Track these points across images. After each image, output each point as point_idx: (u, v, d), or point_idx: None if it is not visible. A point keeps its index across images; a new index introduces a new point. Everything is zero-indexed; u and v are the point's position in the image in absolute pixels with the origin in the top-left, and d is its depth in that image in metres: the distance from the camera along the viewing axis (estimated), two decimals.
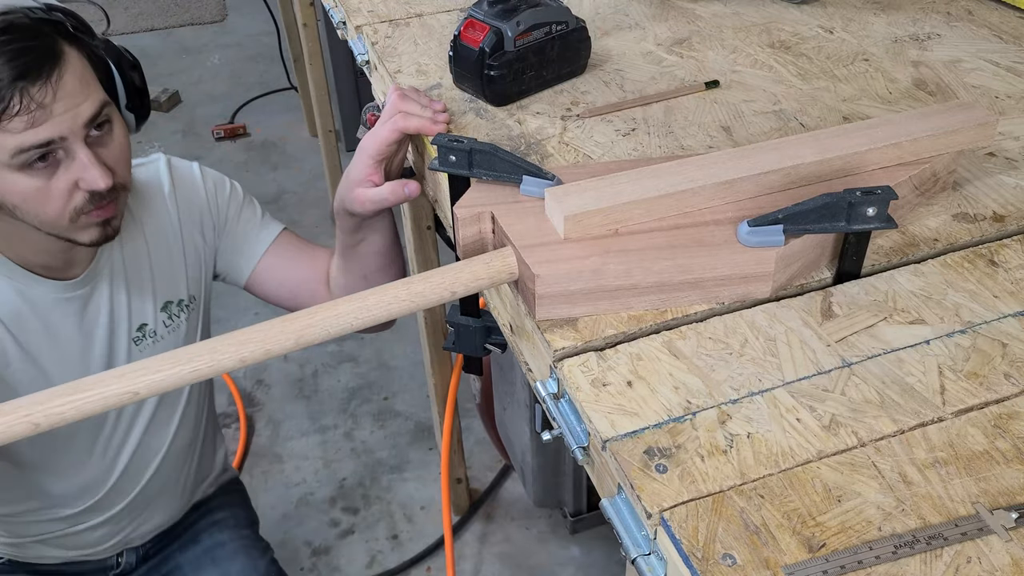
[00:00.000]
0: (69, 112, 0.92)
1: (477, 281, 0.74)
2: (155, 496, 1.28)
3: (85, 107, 0.94)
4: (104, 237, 1.02)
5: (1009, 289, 0.76)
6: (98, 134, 0.97)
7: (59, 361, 1.10)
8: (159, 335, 1.17)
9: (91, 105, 0.95)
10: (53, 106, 0.91)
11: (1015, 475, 0.61)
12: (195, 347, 0.69)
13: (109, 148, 0.98)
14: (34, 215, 0.97)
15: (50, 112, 0.91)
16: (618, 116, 1.02)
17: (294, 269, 1.21)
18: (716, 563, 0.56)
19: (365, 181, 0.99)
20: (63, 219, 0.97)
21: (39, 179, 0.94)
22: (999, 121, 0.85)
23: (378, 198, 0.99)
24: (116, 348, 1.14)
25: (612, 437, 0.64)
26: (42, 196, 0.95)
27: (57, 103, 0.91)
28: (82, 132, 0.94)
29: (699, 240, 0.75)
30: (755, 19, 1.24)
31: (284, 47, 3.38)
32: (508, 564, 2.00)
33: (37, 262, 1.06)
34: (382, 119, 0.98)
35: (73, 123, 0.93)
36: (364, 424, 2.34)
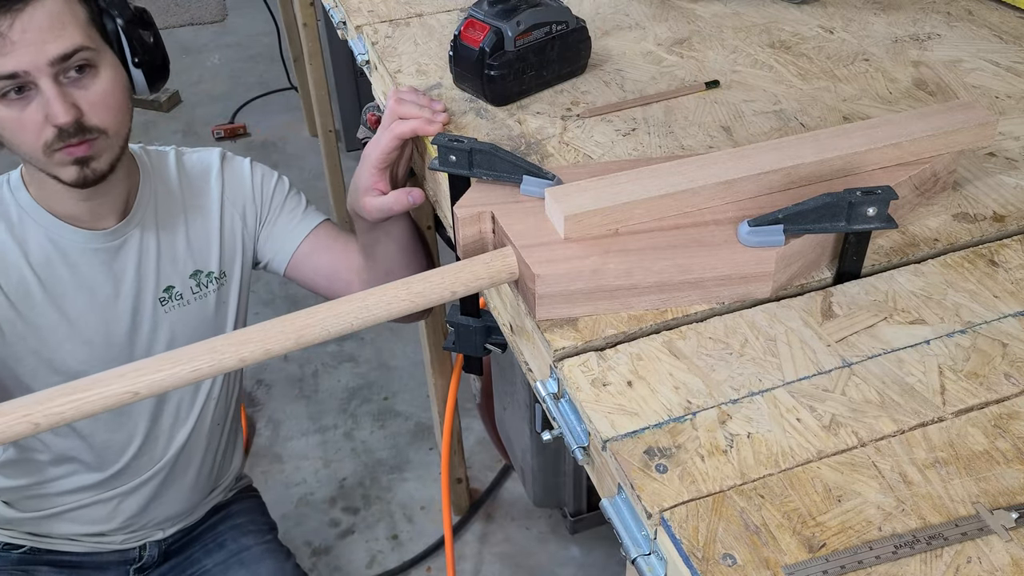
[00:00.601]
0: (33, 47, 0.96)
1: (477, 281, 0.74)
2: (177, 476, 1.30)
3: (53, 46, 0.97)
4: (83, 178, 1.03)
5: (1009, 289, 0.76)
6: (77, 76, 1.00)
7: (84, 309, 1.14)
8: (186, 299, 1.21)
9: (61, 45, 0.98)
10: (13, 37, 0.95)
11: (1015, 475, 0.60)
12: (195, 347, 0.69)
13: (87, 91, 1.01)
14: (17, 146, 1.02)
15: (12, 43, 0.95)
16: (618, 116, 1.02)
17: (329, 258, 1.24)
18: (716, 563, 0.56)
19: (371, 190, 1.01)
20: (38, 151, 1.01)
21: (14, 110, 0.99)
22: (999, 121, 0.85)
23: (384, 207, 1.01)
24: (142, 304, 1.18)
25: (612, 437, 0.64)
26: (18, 127, 1.00)
27: (20, 35, 0.95)
28: (48, 69, 0.97)
29: (699, 240, 0.75)
30: (755, 19, 1.24)
31: (284, 47, 3.39)
32: (508, 564, 2.00)
33: (65, 212, 1.11)
34: (382, 125, 0.99)
35: (36, 58, 0.96)
36: (364, 424, 2.34)
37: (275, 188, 1.26)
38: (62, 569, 1.27)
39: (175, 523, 1.34)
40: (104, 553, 1.30)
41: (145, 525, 1.31)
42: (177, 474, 1.30)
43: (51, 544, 1.27)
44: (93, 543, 1.29)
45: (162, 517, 1.32)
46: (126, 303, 1.17)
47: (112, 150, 1.06)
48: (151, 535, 1.32)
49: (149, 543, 1.32)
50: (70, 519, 1.26)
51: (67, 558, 1.28)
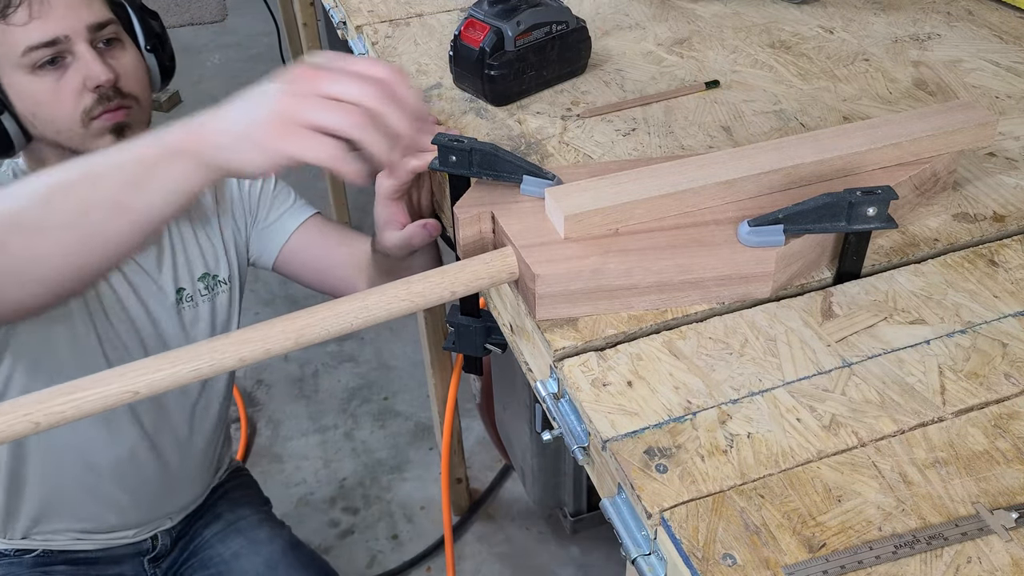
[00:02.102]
0: (71, 11, 0.99)
1: (477, 281, 0.74)
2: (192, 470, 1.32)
3: (88, 12, 1.01)
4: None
5: (1009, 289, 0.76)
6: (106, 48, 1.03)
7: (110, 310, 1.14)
8: (195, 302, 1.22)
9: (95, 13, 1.02)
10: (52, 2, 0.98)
11: (1015, 475, 0.61)
12: (195, 347, 0.68)
13: (118, 60, 1.04)
14: (50, 121, 1.02)
15: (50, 6, 0.97)
16: (618, 116, 1.02)
17: (320, 253, 1.24)
18: (716, 563, 0.56)
19: (390, 223, 0.97)
20: (75, 123, 1.02)
21: (49, 81, 1.00)
22: (999, 121, 0.85)
23: (402, 243, 0.97)
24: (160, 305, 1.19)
25: (612, 437, 0.64)
26: (53, 98, 1.01)
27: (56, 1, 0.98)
28: (86, 34, 1.00)
29: (699, 240, 0.75)
30: (755, 19, 1.24)
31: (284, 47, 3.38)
32: (508, 564, 2.00)
33: None
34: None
35: (75, 22, 0.99)
36: (364, 424, 2.34)
37: (261, 185, 1.25)
38: (79, 566, 1.28)
39: (183, 511, 1.37)
40: (117, 547, 1.31)
41: (156, 517, 1.33)
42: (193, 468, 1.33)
43: (63, 545, 1.27)
44: (105, 539, 1.29)
45: (172, 508, 1.34)
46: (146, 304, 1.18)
47: (142, 124, 1.08)
48: (161, 525, 1.34)
49: (160, 533, 1.34)
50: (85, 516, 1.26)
51: (81, 555, 1.29)
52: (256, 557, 1.34)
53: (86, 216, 0.70)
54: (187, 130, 0.69)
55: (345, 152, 0.66)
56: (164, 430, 1.25)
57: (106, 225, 0.71)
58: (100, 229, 0.71)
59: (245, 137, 0.67)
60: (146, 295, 1.18)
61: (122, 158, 0.70)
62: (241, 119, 0.68)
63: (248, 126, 0.67)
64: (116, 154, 0.71)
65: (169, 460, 1.28)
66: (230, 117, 0.69)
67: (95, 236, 0.71)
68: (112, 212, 0.70)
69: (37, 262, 0.72)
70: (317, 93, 0.66)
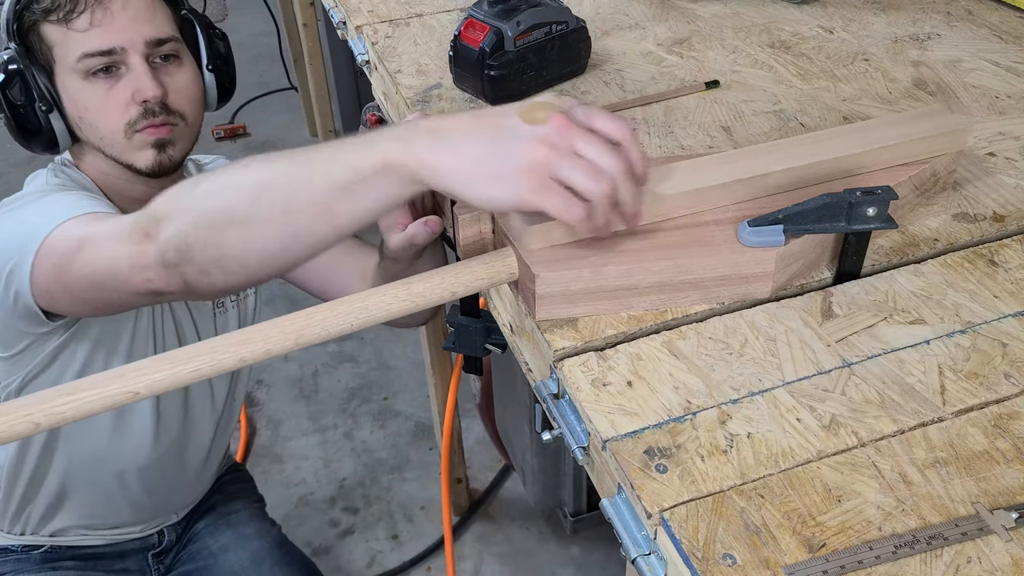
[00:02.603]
0: (132, 24, 1.00)
1: (477, 281, 0.74)
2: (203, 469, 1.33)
3: (150, 27, 1.02)
4: (158, 163, 1.05)
5: (1009, 289, 0.76)
6: (162, 63, 1.05)
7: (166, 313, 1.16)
8: (226, 307, 1.23)
9: (155, 29, 1.03)
10: (115, 12, 0.99)
11: (1015, 475, 0.60)
12: (195, 347, 0.68)
13: (171, 77, 1.06)
14: (95, 127, 1.04)
15: (112, 16, 0.99)
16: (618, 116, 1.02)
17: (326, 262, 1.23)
18: (716, 563, 0.56)
19: (393, 226, 0.97)
20: (119, 133, 1.03)
21: (101, 88, 1.01)
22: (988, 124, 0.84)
23: (404, 243, 0.96)
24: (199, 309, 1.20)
25: (612, 437, 0.64)
26: (101, 105, 1.02)
27: (120, 11, 1.00)
28: (143, 48, 1.02)
29: (699, 240, 0.75)
30: (755, 19, 1.24)
31: (284, 47, 3.38)
32: (508, 564, 2.00)
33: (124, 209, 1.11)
34: None
35: (134, 35, 1.01)
36: (364, 424, 2.33)
37: None
38: (86, 561, 1.28)
39: (189, 507, 1.38)
40: (124, 542, 1.31)
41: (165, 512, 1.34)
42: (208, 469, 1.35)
43: (71, 540, 1.28)
44: (113, 535, 1.30)
45: (181, 504, 1.36)
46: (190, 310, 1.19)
47: (186, 141, 1.09)
48: (168, 520, 1.35)
49: (166, 528, 1.35)
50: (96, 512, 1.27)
51: (88, 551, 1.29)
52: (242, 552, 1.34)
53: (294, 216, 0.70)
54: (406, 146, 0.68)
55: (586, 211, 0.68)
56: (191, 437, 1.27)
57: (311, 227, 0.71)
58: (305, 229, 0.71)
59: (489, 175, 0.66)
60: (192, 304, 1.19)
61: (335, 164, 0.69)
62: (483, 155, 0.67)
63: (496, 165, 0.66)
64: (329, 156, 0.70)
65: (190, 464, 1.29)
66: (466, 147, 0.67)
67: (299, 235, 0.71)
68: (319, 215, 0.70)
69: (245, 255, 0.73)
70: (574, 150, 0.67)
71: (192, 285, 0.77)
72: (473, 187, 0.67)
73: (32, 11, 1.00)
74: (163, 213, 0.76)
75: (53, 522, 1.25)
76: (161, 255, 0.76)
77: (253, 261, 0.74)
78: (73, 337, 1.08)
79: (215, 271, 0.75)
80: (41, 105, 1.02)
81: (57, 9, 0.99)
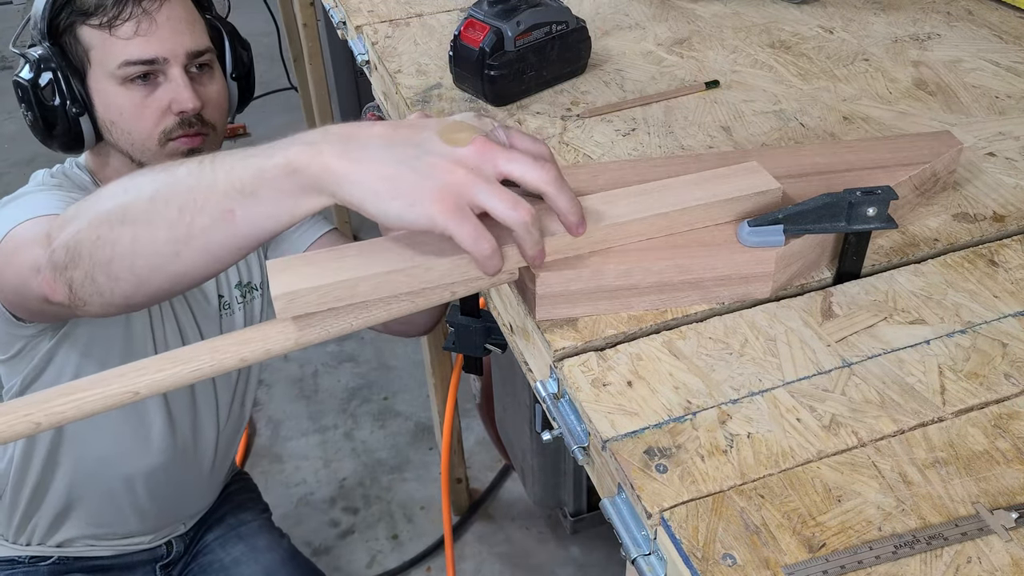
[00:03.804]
0: (175, 35, 1.02)
1: (477, 281, 0.74)
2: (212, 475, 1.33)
3: (190, 39, 1.03)
4: None
5: (1009, 289, 0.76)
6: (198, 72, 1.06)
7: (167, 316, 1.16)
8: (232, 309, 1.23)
9: (196, 40, 1.04)
10: (160, 22, 1.00)
11: (1015, 475, 0.61)
12: (195, 347, 0.68)
13: (206, 87, 1.07)
14: (127, 132, 1.04)
15: (156, 26, 1.00)
16: (618, 116, 1.02)
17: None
18: (716, 563, 0.56)
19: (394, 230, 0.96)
20: (152, 140, 1.04)
21: (137, 95, 1.02)
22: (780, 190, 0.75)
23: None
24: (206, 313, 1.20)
25: (612, 437, 0.64)
26: (137, 112, 1.03)
27: (164, 21, 1.01)
28: (183, 59, 1.03)
29: (699, 240, 0.75)
30: (755, 19, 1.24)
31: (284, 47, 3.38)
32: (508, 564, 2.00)
33: None
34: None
35: (176, 46, 1.02)
36: (364, 424, 2.34)
37: None
38: (93, 574, 1.28)
39: (196, 516, 1.37)
40: (132, 554, 1.31)
41: (173, 522, 1.33)
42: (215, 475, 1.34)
43: (78, 551, 1.27)
44: (121, 545, 1.29)
45: (188, 514, 1.35)
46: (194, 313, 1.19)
47: (214, 149, 1.09)
48: (176, 530, 1.34)
49: (174, 539, 1.34)
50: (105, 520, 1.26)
51: (96, 563, 1.28)
52: (255, 564, 1.34)
53: (189, 215, 0.66)
54: (313, 152, 0.63)
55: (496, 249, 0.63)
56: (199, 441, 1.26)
57: (207, 230, 0.66)
58: (199, 232, 0.67)
59: (400, 192, 0.61)
60: (194, 304, 1.19)
61: (240, 164, 0.66)
62: (397, 170, 0.62)
63: (409, 182, 0.62)
64: (239, 157, 0.67)
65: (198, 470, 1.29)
66: (378, 160, 0.62)
67: (193, 238, 0.67)
68: (217, 219, 0.66)
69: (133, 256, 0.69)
70: (495, 173, 0.63)
71: (76, 292, 0.73)
72: (380, 202, 0.62)
73: (70, 12, 1.00)
74: (71, 215, 0.74)
75: (60, 532, 1.24)
76: (51, 256, 0.73)
77: (141, 264, 0.69)
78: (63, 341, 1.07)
79: (101, 276, 0.71)
80: (73, 107, 1.03)
81: (100, 13, 0.99)
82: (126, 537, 1.29)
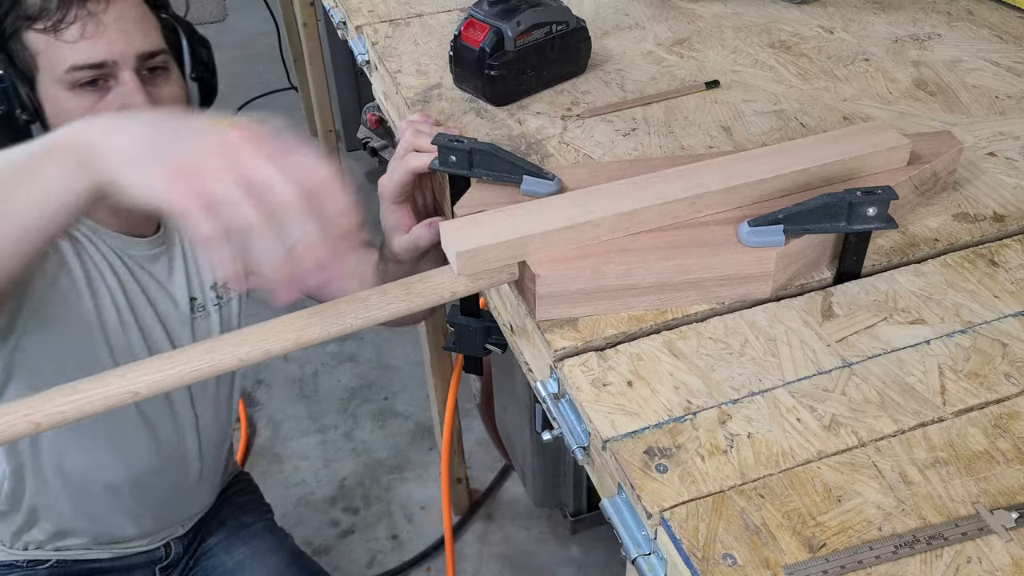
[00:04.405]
0: (125, 36, 0.96)
1: (477, 281, 0.74)
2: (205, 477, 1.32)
3: (141, 40, 0.98)
4: None
5: (1009, 289, 0.76)
6: (151, 76, 1.01)
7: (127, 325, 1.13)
8: (208, 311, 1.20)
9: (148, 41, 0.99)
10: (107, 23, 0.95)
11: (1015, 475, 0.61)
12: (195, 347, 0.68)
13: (160, 90, 1.02)
14: None
15: (104, 28, 0.95)
16: (618, 116, 1.02)
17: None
18: (716, 563, 0.56)
19: (397, 228, 0.96)
20: None
21: (87, 101, 0.97)
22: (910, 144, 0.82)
23: (410, 245, 0.95)
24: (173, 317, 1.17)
25: (612, 437, 0.64)
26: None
27: (112, 23, 0.95)
28: (133, 61, 0.98)
29: (699, 240, 0.75)
30: (755, 19, 1.24)
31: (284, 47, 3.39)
32: (508, 564, 2.00)
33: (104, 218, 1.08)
34: (396, 156, 0.93)
35: (126, 48, 0.97)
36: (364, 424, 2.34)
37: None
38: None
39: (194, 518, 1.36)
40: (129, 556, 1.30)
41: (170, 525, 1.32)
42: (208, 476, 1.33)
43: (77, 555, 1.27)
44: (120, 549, 1.29)
45: (186, 516, 1.34)
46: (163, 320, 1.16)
47: None
48: (174, 532, 1.34)
49: (172, 541, 1.34)
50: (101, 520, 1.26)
51: (94, 566, 1.28)
52: (261, 568, 1.33)
53: None
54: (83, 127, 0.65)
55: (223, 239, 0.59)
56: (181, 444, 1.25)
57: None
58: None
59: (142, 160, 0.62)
60: (161, 309, 1.16)
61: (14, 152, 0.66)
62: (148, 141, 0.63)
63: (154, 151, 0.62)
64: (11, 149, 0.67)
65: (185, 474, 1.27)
66: (134, 131, 0.64)
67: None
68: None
69: None
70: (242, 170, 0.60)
71: None
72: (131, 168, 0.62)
73: (15, 17, 0.96)
74: None
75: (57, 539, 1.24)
76: None
77: None
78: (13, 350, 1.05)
79: None
80: (23, 114, 0.99)
81: (44, 17, 0.94)
82: (122, 541, 1.28)
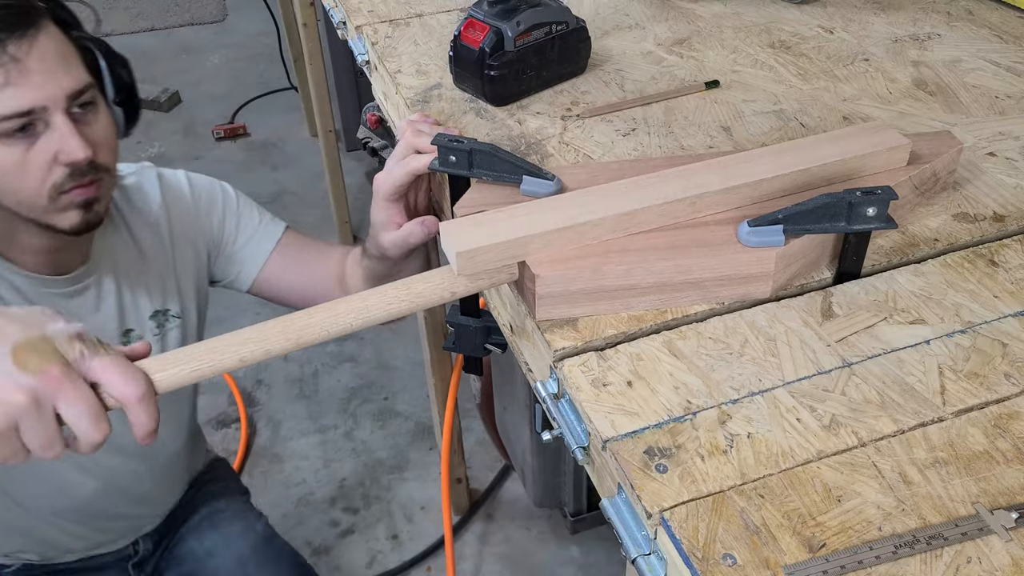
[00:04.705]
0: (51, 80, 0.90)
1: (477, 281, 0.74)
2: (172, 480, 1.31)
3: (67, 80, 0.92)
4: (85, 223, 0.97)
5: (1009, 289, 0.76)
6: (81, 112, 0.95)
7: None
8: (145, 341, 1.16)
9: (74, 80, 0.93)
10: (32, 67, 0.89)
11: (1015, 475, 0.61)
12: (194, 347, 0.68)
13: (93, 127, 0.96)
14: (12, 192, 0.94)
15: (28, 72, 0.89)
16: (618, 116, 1.02)
17: (301, 271, 1.20)
18: (716, 563, 0.56)
19: (388, 225, 0.95)
20: (41, 197, 0.94)
21: (17, 150, 0.91)
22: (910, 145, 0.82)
23: (399, 241, 0.95)
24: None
25: (612, 437, 0.64)
26: (20, 170, 0.92)
27: (36, 65, 0.89)
28: (63, 103, 0.92)
29: (699, 240, 0.75)
30: (755, 19, 1.24)
31: (284, 47, 3.39)
32: (508, 564, 2.00)
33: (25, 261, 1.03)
34: (395, 156, 0.92)
35: (55, 90, 0.90)
36: (364, 424, 2.34)
37: (223, 208, 1.19)
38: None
39: (162, 516, 1.35)
40: (98, 556, 1.29)
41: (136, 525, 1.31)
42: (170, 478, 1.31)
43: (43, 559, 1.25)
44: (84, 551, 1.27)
45: (151, 515, 1.33)
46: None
47: (110, 191, 1.01)
48: (142, 530, 1.32)
49: (142, 538, 1.32)
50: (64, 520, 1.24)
51: (62, 567, 1.26)
52: (227, 552, 1.32)
53: None
54: None
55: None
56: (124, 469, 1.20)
57: None
58: None
59: None
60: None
61: None
62: None
63: None
64: None
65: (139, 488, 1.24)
66: None
67: None
68: None
69: None
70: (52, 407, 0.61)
71: None
72: None
73: None
74: None
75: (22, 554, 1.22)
76: None
77: None
78: None
79: None
80: None
81: None
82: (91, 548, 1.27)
